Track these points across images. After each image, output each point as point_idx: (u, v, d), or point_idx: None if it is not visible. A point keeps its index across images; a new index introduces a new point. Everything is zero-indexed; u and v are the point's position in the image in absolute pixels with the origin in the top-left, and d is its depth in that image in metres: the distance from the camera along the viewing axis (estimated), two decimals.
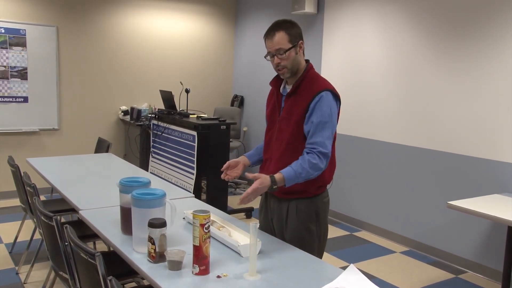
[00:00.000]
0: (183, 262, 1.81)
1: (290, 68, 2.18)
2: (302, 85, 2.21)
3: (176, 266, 1.79)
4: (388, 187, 4.68)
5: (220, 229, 2.18)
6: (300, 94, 2.20)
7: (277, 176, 2.07)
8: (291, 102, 2.23)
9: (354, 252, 4.35)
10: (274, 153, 2.29)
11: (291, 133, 2.20)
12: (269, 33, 2.17)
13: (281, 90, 2.32)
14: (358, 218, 5.02)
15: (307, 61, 2.28)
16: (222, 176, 2.32)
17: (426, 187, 4.30)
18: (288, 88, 2.28)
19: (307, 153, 2.13)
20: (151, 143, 5.47)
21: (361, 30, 4.88)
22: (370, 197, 4.89)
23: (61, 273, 2.46)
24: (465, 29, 3.93)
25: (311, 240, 2.26)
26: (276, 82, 2.35)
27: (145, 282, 2.38)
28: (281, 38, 2.14)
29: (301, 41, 2.20)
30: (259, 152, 2.48)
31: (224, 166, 2.33)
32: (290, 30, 2.16)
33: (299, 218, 2.24)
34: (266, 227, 2.39)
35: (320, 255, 2.29)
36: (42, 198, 3.46)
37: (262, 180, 2.04)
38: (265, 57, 2.24)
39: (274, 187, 2.06)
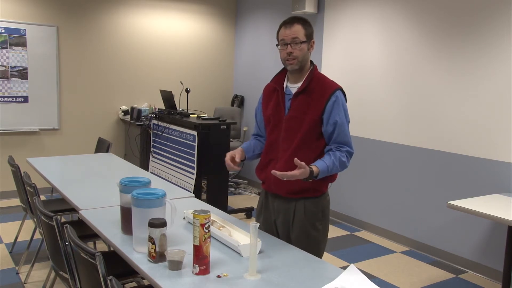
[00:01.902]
0: (183, 262, 1.81)
1: (300, 60, 2.20)
2: (311, 85, 2.22)
3: (176, 266, 1.79)
4: (388, 187, 4.68)
5: (220, 229, 2.18)
6: (312, 94, 2.21)
7: (314, 169, 2.11)
8: (301, 101, 2.23)
9: (354, 252, 4.35)
10: (282, 153, 2.27)
11: (305, 131, 2.21)
12: (288, 23, 2.21)
13: (284, 89, 2.31)
14: (358, 218, 5.02)
15: (311, 61, 2.30)
16: (228, 161, 2.26)
17: (426, 187, 4.30)
18: (291, 87, 2.28)
19: (336, 150, 2.20)
20: (151, 143, 5.47)
21: (361, 30, 4.88)
22: (370, 197, 4.89)
23: (61, 273, 2.46)
24: (465, 29, 3.93)
25: (319, 238, 2.28)
26: (277, 81, 2.35)
27: (145, 282, 2.38)
28: (299, 29, 2.19)
29: (313, 40, 2.26)
30: (254, 149, 2.45)
31: (229, 156, 2.28)
32: (307, 27, 2.22)
33: (307, 217, 2.25)
34: (267, 229, 2.38)
35: (322, 253, 2.32)
36: (42, 198, 3.46)
37: (304, 171, 2.06)
38: (276, 45, 2.25)
39: (310, 179, 2.11)
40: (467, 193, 3.88)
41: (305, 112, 2.21)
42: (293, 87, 2.27)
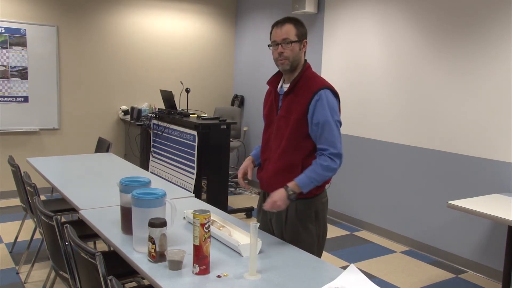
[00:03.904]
0: (184, 261, 1.81)
1: (291, 60, 2.20)
2: (299, 84, 2.22)
3: (176, 265, 1.79)
4: (388, 187, 4.68)
5: (221, 228, 2.18)
6: (298, 93, 2.21)
7: (291, 184, 2.12)
8: (289, 101, 2.24)
9: (355, 251, 4.35)
10: (273, 152, 2.28)
11: (290, 131, 2.21)
12: (279, 23, 2.22)
13: (278, 89, 2.33)
14: (359, 218, 5.02)
15: (305, 60, 2.29)
16: (241, 180, 2.34)
17: (427, 187, 4.30)
18: (286, 87, 2.29)
19: (318, 156, 2.17)
20: (151, 143, 5.47)
21: (361, 29, 4.88)
22: (370, 196, 4.89)
23: (61, 272, 2.46)
24: (465, 29, 3.93)
25: (310, 240, 2.27)
26: (274, 81, 2.36)
27: (146, 282, 2.38)
28: (289, 29, 2.19)
29: (305, 40, 2.25)
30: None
31: (241, 173, 2.37)
32: (299, 27, 2.22)
33: (299, 218, 2.25)
34: (265, 228, 2.38)
35: (319, 255, 2.29)
36: (43, 197, 3.46)
37: (277, 195, 2.11)
38: (268, 46, 2.26)
39: (290, 193, 2.12)
40: (467, 193, 3.88)
41: (291, 112, 2.21)
42: (286, 87, 2.29)
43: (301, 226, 2.25)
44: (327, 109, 2.15)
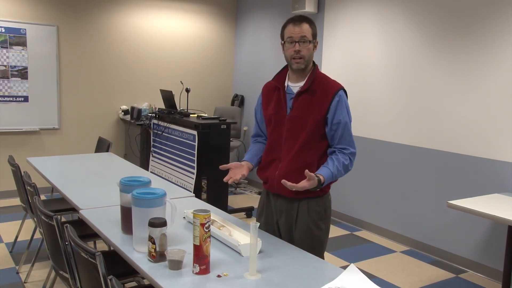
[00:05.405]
0: (184, 261, 1.81)
1: (307, 59, 2.20)
2: (314, 84, 2.21)
3: (176, 265, 1.79)
4: (388, 187, 4.68)
5: (221, 228, 2.18)
6: (315, 94, 2.20)
7: (321, 178, 2.14)
8: (304, 101, 2.22)
9: (355, 251, 4.35)
10: (285, 153, 2.25)
11: (309, 131, 2.20)
12: (296, 20, 2.19)
13: (285, 89, 2.30)
14: (359, 218, 5.02)
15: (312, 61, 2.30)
16: (226, 178, 2.26)
17: (427, 187, 4.30)
18: (293, 86, 2.27)
19: (338, 153, 2.21)
20: (152, 143, 5.47)
21: (361, 29, 4.88)
22: (370, 196, 4.89)
23: (61, 272, 2.46)
24: (465, 28, 3.93)
25: (322, 237, 2.30)
26: (279, 79, 2.34)
27: (146, 282, 2.38)
28: (307, 28, 2.18)
29: (317, 40, 2.26)
30: (257, 153, 2.44)
31: (226, 166, 2.31)
32: (313, 27, 2.23)
33: (311, 216, 2.25)
34: (268, 229, 2.37)
35: (324, 252, 2.33)
36: (43, 197, 3.46)
37: (313, 182, 2.09)
38: (283, 43, 2.23)
39: (318, 189, 2.16)
40: (467, 193, 3.88)
41: (308, 112, 2.20)
42: (294, 86, 2.26)
43: (312, 223, 2.26)
44: (345, 110, 2.22)
